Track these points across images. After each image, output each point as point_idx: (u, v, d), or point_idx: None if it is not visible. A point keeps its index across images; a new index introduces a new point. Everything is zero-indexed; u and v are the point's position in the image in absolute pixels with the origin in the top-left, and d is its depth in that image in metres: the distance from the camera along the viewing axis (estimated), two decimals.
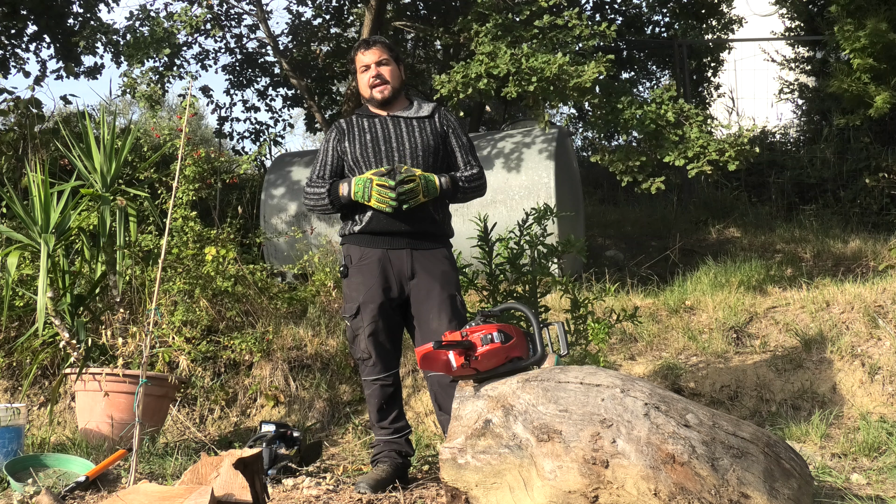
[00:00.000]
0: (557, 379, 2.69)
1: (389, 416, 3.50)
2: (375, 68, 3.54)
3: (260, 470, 2.74)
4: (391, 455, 3.45)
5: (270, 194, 7.11)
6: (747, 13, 11.43)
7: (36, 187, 4.33)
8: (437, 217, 3.50)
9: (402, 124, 3.54)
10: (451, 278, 3.47)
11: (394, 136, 3.51)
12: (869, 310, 4.89)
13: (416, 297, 3.43)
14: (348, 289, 3.50)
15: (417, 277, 3.42)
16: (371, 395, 3.50)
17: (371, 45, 3.57)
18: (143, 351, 3.56)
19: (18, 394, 4.89)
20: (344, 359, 5.07)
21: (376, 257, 3.43)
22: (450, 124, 3.61)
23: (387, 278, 3.42)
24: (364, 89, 3.60)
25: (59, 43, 8.06)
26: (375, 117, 3.58)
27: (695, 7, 9.81)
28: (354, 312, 3.44)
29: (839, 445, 3.85)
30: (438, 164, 3.52)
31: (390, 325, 3.46)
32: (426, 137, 3.51)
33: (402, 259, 3.42)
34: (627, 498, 2.43)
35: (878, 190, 8.67)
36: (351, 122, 3.62)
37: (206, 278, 5.07)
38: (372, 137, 3.51)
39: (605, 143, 8.24)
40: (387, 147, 3.49)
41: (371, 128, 3.55)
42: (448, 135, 3.59)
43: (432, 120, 3.57)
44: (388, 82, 3.55)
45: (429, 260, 3.44)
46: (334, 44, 9.04)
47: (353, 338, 3.49)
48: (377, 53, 3.55)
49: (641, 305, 5.46)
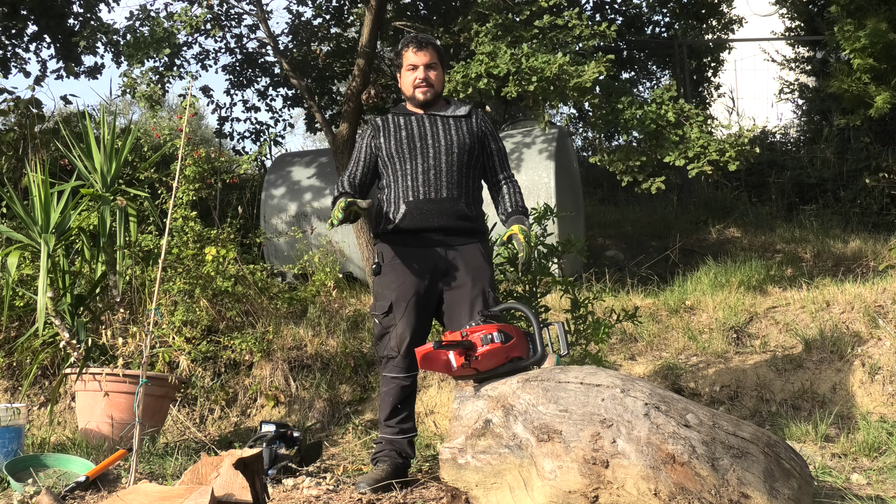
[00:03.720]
0: (557, 379, 2.69)
1: (400, 416, 3.49)
2: (424, 71, 3.55)
3: (260, 470, 2.74)
4: (391, 455, 3.45)
5: (270, 194, 7.11)
6: (747, 13, 11.42)
7: (36, 187, 4.33)
8: (471, 213, 3.50)
9: (437, 122, 3.55)
10: (483, 274, 3.46)
11: (429, 133, 3.52)
12: (869, 310, 4.89)
13: (448, 293, 3.44)
14: (380, 286, 3.50)
15: (449, 273, 3.44)
16: (387, 393, 3.49)
17: (424, 46, 3.56)
18: (143, 351, 3.56)
19: (18, 394, 4.89)
20: (344, 359, 5.07)
21: (409, 254, 3.44)
22: (488, 127, 3.63)
23: (419, 275, 3.43)
24: (407, 87, 3.60)
25: (60, 43, 8.05)
26: (412, 115, 3.59)
27: (695, 7, 9.80)
28: (387, 310, 3.44)
29: (839, 445, 3.85)
30: (472, 163, 3.54)
31: (420, 323, 3.46)
32: (462, 136, 3.53)
33: (434, 255, 3.44)
34: (627, 498, 2.43)
35: (879, 190, 8.67)
36: (387, 119, 3.63)
37: (206, 278, 5.07)
38: (407, 134, 3.53)
39: (606, 143, 8.24)
40: (422, 143, 3.50)
41: (407, 125, 3.56)
42: (486, 137, 3.61)
43: (469, 120, 3.59)
44: (433, 86, 3.57)
45: (462, 255, 3.45)
46: (334, 44, 9.04)
47: (381, 335, 3.48)
48: (428, 56, 3.56)
49: (641, 305, 5.46)
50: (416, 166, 3.47)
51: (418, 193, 3.44)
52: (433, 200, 3.44)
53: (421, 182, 3.45)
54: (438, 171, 3.45)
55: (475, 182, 3.58)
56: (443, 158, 3.47)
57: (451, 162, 3.47)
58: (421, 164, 3.47)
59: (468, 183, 3.52)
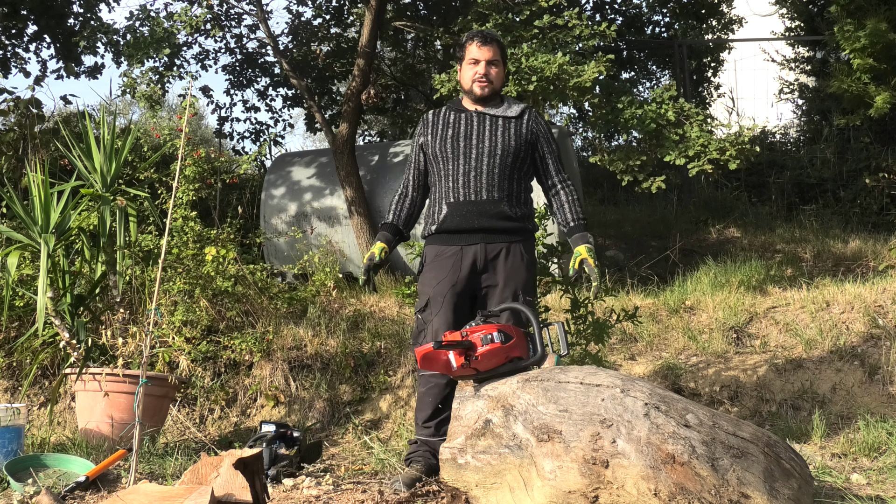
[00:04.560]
0: (557, 379, 2.69)
1: (440, 417, 3.44)
2: (486, 67, 3.52)
3: (260, 470, 2.74)
4: (426, 455, 3.42)
5: (270, 194, 7.11)
6: (747, 13, 11.43)
7: (36, 187, 4.33)
8: (513, 213, 3.48)
9: (486, 122, 3.53)
10: (518, 275, 3.44)
11: (475, 134, 3.50)
12: (869, 310, 4.89)
13: (484, 291, 3.45)
14: (421, 284, 3.53)
15: (487, 271, 3.44)
16: (426, 393, 3.46)
17: (489, 41, 3.54)
18: (143, 351, 3.56)
19: (18, 394, 4.89)
20: (344, 359, 5.07)
21: (450, 254, 3.45)
22: (539, 129, 3.59)
23: (458, 273, 3.43)
24: (466, 81, 3.57)
25: (60, 43, 8.06)
26: (463, 112, 3.57)
27: (695, 7, 9.81)
28: (423, 306, 3.45)
29: (839, 445, 3.84)
30: (518, 165, 3.51)
31: (457, 320, 3.42)
32: (508, 138, 3.50)
33: (474, 254, 3.44)
34: (627, 498, 2.43)
35: (878, 190, 8.67)
36: (438, 114, 3.62)
37: (206, 278, 5.07)
38: (454, 133, 3.52)
39: (605, 142, 8.23)
40: (466, 144, 3.49)
41: (456, 122, 3.55)
42: (538, 140, 3.58)
43: (519, 121, 3.55)
44: (492, 82, 3.54)
45: (501, 255, 3.44)
46: (334, 44, 9.04)
47: (418, 332, 3.48)
48: (491, 52, 3.53)
49: (641, 305, 5.46)
50: (458, 167, 3.47)
51: (458, 195, 3.45)
52: (473, 202, 3.44)
53: (462, 184, 3.45)
54: (479, 172, 3.45)
55: (520, 183, 3.54)
56: (485, 161, 3.46)
57: (492, 164, 3.46)
58: (463, 164, 3.46)
59: (511, 185, 3.49)
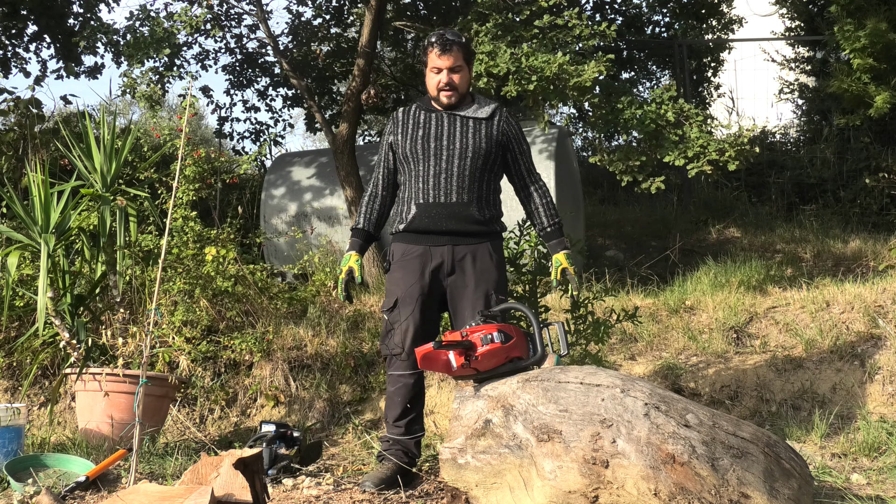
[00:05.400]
0: (557, 379, 2.69)
1: (409, 417, 3.47)
2: (448, 74, 3.47)
3: (260, 470, 2.74)
4: (397, 454, 3.44)
5: (270, 194, 7.12)
6: (747, 13, 11.42)
7: (36, 187, 4.33)
8: (482, 216, 3.47)
9: (457, 122, 3.50)
10: (488, 275, 3.43)
11: (446, 135, 3.48)
12: (869, 310, 4.89)
13: (453, 293, 3.44)
14: (389, 283, 3.51)
15: (456, 273, 3.43)
16: (395, 393, 3.47)
17: (448, 49, 3.46)
18: (144, 351, 3.56)
19: (18, 394, 4.89)
20: (344, 359, 5.07)
21: (418, 253, 3.44)
22: (510, 130, 3.55)
23: (426, 274, 3.42)
24: (431, 89, 3.53)
25: (60, 43, 8.06)
26: (434, 111, 3.54)
27: (695, 7, 9.80)
28: (392, 306, 3.44)
29: (839, 445, 3.85)
30: (488, 167, 3.49)
31: (426, 321, 3.44)
32: (479, 140, 3.48)
33: (442, 255, 3.43)
34: (627, 498, 2.43)
35: (878, 190, 8.67)
36: (408, 112, 3.59)
37: (206, 278, 5.07)
38: (424, 133, 3.49)
39: (605, 143, 8.23)
40: (437, 145, 3.46)
41: (426, 122, 3.52)
42: (510, 142, 3.55)
43: (490, 123, 3.51)
44: (457, 89, 3.49)
45: (469, 256, 3.43)
46: (334, 44, 9.04)
47: (387, 332, 3.48)
48: (452, 59, 3.46)
49: (641, 305, 5.46)
50: (429, 168, 3.45)
51: (428, 196, 3.43)
52: (443, 204, 3.42)
53: (432, 185, 3.44)
54: (450, 174, 3.43)
55: (490, 185, 3.52)
56: (455, 163, 3.44)
57: (463, 167, 3.44)
58: (434, 166, 3.44)
59: (481, 187, 3.48)
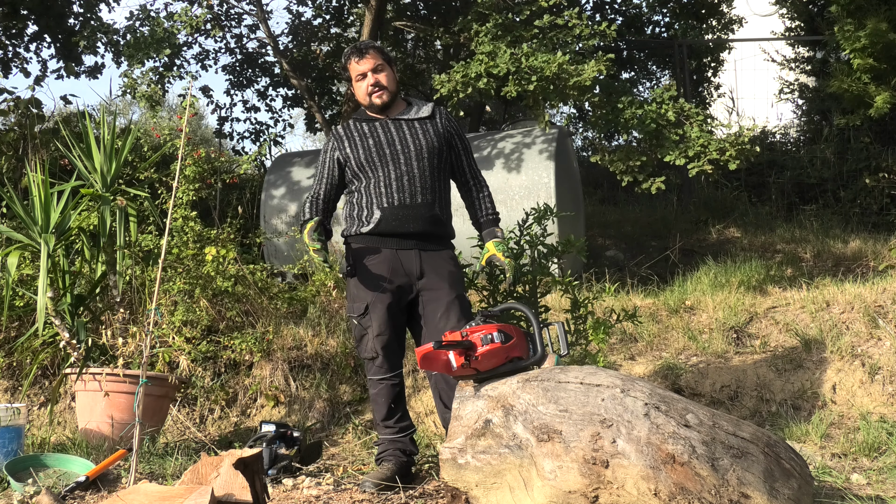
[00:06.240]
0: (557, 379, 2.69)
1: (396, 415, 3.52)
2: (373, 76, 3.50)
3: (260, 470, 2.74)
4: (396, 454, 3.46)
5: (270, 194, 7.11)
6: (747, 13, 11.43)
7: (36, 187, 4.33)
8: (443, 217, 3.51)
9: (403, 127, 3.52)
10: (457, 279, 3.50)
11: (397, 139, 3.49)
12: (869, 310, 4.89)
13: (424, 297, 3.44)
14: (356, 288, 3.49)
15: (426, 277, 3.43)
16: (378, 395, 3.50)
17: (364, 52, 3.53)
18: (144, 351, 3.56)
19: (18, 394, 4.89)
20: (344, 359, 5.07)
21: (386, 257, 3.43)
22: (452, 127, 3.61)
23: (395, 278, 3.43)
24: (363, 97, 3.56)
25: (60, 43, 8.06)
26: (375, 121, 3.55)
27: (695, 7, 9.82)
28: (363, 311, 3.44)
29: (839, 445, 3.85)
30: (442, 165, 3.53)
31: (397, 324, 3.47)
32: (430, 139, 3.50)
33: (410, 259, 3.43)
34: (627, 498, 2.43)
35: (878, 190, 8.67)
36: (349, 126, 3.58)
37: (206, 278, 5.07)
38: (375, 142, 3.49)
39: (606, 142, 8.24)
40: (391, 150, 3.47)
41: (372, 131, 3.52)
42: (453, 138, 3.59)
43: (434, 121, 3.56)
44: (386, 87, 3.52)
45: (436, 261, 3.46)
46: (334, 44, 9.05)
47: (360, 337, 3.48)
48: (372, 61, 3.51)
49: (641, 305, 5.46)
50: (389, 173, 3.44)
51: (393, 199, 3.43)
52: (408, 206, 3.42)
53: (395, 188, 3.43)
54: (412, 176, 3.43)
55: (445, 184, 3.56)
56: (414, 164, 3.44)
57: (422, 167, 3.45)
58: (394, 170, 3.44)
59: (440, 186, 3.51)
